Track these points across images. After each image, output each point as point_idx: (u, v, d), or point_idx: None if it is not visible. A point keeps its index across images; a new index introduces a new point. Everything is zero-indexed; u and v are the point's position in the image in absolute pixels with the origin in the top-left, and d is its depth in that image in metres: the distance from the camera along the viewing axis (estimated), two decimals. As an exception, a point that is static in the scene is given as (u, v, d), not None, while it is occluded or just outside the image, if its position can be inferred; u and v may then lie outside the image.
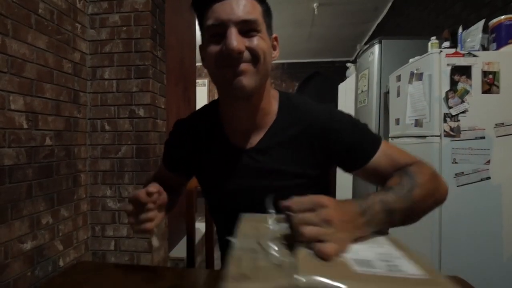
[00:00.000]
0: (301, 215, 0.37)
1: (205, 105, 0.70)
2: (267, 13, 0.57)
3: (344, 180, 2.77)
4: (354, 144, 0.60)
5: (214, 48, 0.53)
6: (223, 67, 0.53)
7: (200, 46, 0.60)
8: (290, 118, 0.62)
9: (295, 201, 0.39)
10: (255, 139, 0.62)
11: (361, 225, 0.42)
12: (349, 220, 0.40)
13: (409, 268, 0.33)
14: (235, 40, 0.50)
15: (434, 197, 0.55)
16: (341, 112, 0.63)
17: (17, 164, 1.22)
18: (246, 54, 0.52)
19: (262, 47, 0.54)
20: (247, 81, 0.53)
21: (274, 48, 0.61)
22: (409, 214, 0.49)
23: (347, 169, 0.64)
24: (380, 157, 0.59)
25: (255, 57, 0.53)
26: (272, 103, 0.63)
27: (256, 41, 0.53)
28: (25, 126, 1.26)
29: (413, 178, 0.52)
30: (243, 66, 0.52)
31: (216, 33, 0.52)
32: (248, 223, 0.47)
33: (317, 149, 0.61)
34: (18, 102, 1.23)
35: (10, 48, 1.19)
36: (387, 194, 0.47)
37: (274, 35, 0.61)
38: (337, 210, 0.39)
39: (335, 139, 0.60)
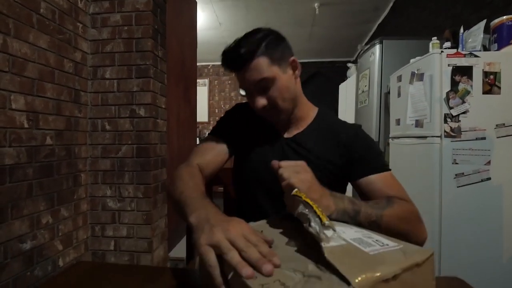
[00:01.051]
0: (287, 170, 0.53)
1: None
2: (275, 55, 0.68)
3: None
4: (364, 157, 0.71)
5: (249, 100, 0.73)
6: (260, 112, 0.72)
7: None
8: (324, 125, 0.78)
9: (284, 163, 0.55)
10: (293, 133, 0.78)
11: (327, 196, 0.54)
12: (319, 188, 0.54)
13: (390, 242, 0.38)
14: (257, 102, 0.69)
15: (407, 228, 0.60)
16: (366, 133, 0.77)
17: (18, 164, 1.22)
18: (268, 105, 0.69)
19: (279, 93, 0.69)
20: (276, 118, 0.73)
21: (294, 68, 0.73)
22: (373, 224, 0.55)
23: (350, 177, 0.73)
24: (380, 179, 0.68)
25: (275, 104, 0.70)
26: (309, 113, 0.80)
27: (272, 92, 0.68)
28: (26, 125, 1.26)
29: (391, 203, 0.60)
30: (270, 113, 0.71)
31: (246, 94, 0.73)
32: None
33: (338, 152, 0.74)
34: (19, 102, 1.23)
35: (12, 48, 1.19)
36: (359, 201, 0.58)
37: (291, 59, 0.72)
38: (314, 179, 0.54)
39: (353, 149, 0.72)
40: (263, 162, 0.74)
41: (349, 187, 0.78)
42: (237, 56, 0.66)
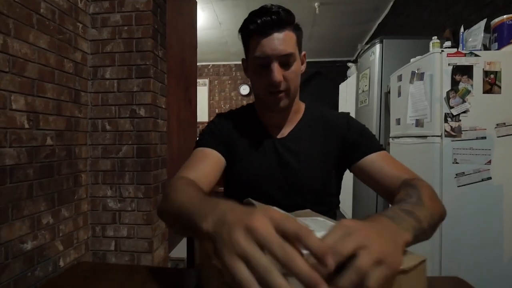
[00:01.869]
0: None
1: (242, 106, 0.84)
2: (300, 38, 0.69)
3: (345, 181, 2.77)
4: (359, 140, 0.72)
5: (261, 76, 0.67)
6: (264, 90, 0.68)
7: (243, 60, 0.75)
8: (314, 118, 0.77)
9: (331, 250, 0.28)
10: (286, 131, 0.76)
11: (400, 233, 0.37)
12: (390, 237, 0.34)
13: None
14: (276, 74, 0.64)
15: (441, 205, 0.53)
16: (356, 119, 0.78)
17: (18, 164, 1.22)
18: (283, 84, 0.66)
19: (295, 75, 0.68)
20: (283, 103, 0.69)
21: (302, 62, 0.73)
22: (429, 221, 0.46)
23: (349, 163, 0.73)
24: (380, 157, 0.69)
25: (289, 87, 0.68)
26: (299, 106, 0.79)
27: (291, 71, 0.66)
28: (26, 126, 1.26)
29: (418, 190, 0.52)
30: (281, 95, 0.68)
31: (262, 64, 0.66)
32: None
33: (333, 142, 0.74)
34: (19, 102, 1.23)
35: (12, 48, 1.19)
36: (402, 203, 0.47)
37: (303, 53, 0.73)
38: (374, 237, 0.31)
39: (348, 136, 0.73)
40: (258, 167, 0.73)
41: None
42: (277, 18, 0.63)
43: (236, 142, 0.76)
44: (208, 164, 0.70)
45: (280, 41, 0.64)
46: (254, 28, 0.65)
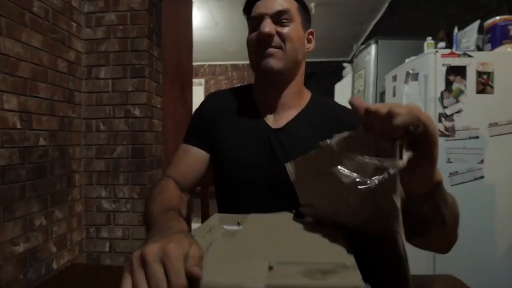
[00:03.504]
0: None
1: (241, 85, 0.78)
2: (303, 9, 0.67)
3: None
4: None
5: (251, 36, 0.64)
6: (256, 52, 0.63)
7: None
8: (319, 110, 0.69)
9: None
10: (283, 121, 0.67)
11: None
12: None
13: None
14: (266, 26, 0.60)
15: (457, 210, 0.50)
16: None
17: (10, 165, 1.20)
18: (276, 39, 0.62)
19: (291, 34, 0.62)
20: (275, 63, 0.62)
21: (309, 41, 0.70)
22: (452, 204, 0.47)
23: None
24: None
25: (283, 42, 0.62)
26: (304, 94, 0.72)
27: (286, 29, 0.62)
28: (19, 126, 1.25)
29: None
30: (272, 50, 0.61)
31: (255, 24, 0.63)
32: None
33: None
34: (12, 102, 1.21)
35: (4, 47, 1.17)
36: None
37: (310, 30, 0.70)
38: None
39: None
40: (247, 157, 0.66)
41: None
42: None
43: (222, 126, 0.70)
44: (188, 164, 0.69)
45: (277, 1, 0.62)
46: None
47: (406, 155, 0.35)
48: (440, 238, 0.48)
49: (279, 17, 0.62)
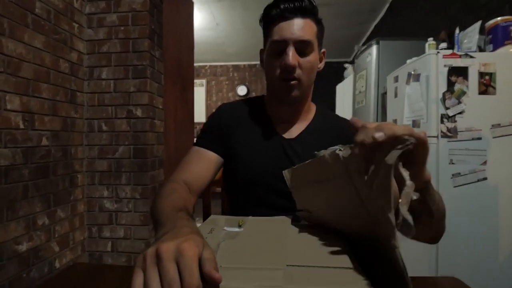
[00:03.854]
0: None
1: (251, 97, 0.82)
2: (321, 32, 0.69)
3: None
4: None
5: (275, 61, 0.66)
6: (279, 80, 0.66)
7: (261, 50, 0.74)
8: (324, 121, 0.76)
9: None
10: (295, 132, 0.74)
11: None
12: None
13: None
14: (291, 58, 0.63)
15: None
16: None
17: (13, 165, 1.21)
18: (298, 71, 0.65)
19: (310, 66, 0.66)
20: (294, 93, 0.67)
21: (320, 60, 0.73)
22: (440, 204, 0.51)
23: None
24: None
25: (303, 77, 0.66)
26: (311, 108, 0.78)
27: (307, 61, 0.65)
28: (22, 126, 1.25)
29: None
30: (293, 82, 0.65)
31: (278, 48, 0.65)
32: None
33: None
34: (15, 102, 1.22)
35: (6, 48, 1.18)
36: None
37: (323, 50, 0.74)
38: None
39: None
40: (264, 163, 0.70)
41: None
42: (300, 5, 0.63)
43: (238, 135, 0.73)
44: (201, 166, 0.70)
45: (300, 26, 0.63)
46: (276, 13, 0.64)
47: (406, 173, 0.35)
48: (428, 229, 0.53)
49: (301, 46, 0.64)
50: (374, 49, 2.27)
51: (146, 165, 1.65)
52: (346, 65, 3.58)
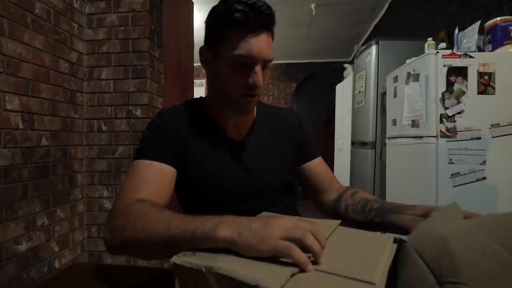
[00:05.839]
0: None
1: (186, 102, 0.75)
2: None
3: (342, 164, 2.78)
4: (308, 143, 0.78)
5: (238, 75, 0.61)
6: (241, 95, 0.62)
7: (204, 49, 0.67)
8: (267, 116, 0.76)
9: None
10: (243, 132, 0.72)
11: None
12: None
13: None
14: (260, 78, 0.60)
15: None
16: (304, 121, 0.81)
17: (13, 165, 1.21)
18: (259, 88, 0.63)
19: (266, 79, 0.65)
20: (252, 106, 0.65)
21: None
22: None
23: (298, 162, 0.76)
24: (321, 162, 0.78)
25: (261, 89, 0.63)
26: None
27: (265, 75, 0.63)
28: (21, 126, 1.25)
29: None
30: (254, 98, 0.63)
31: (242, 62, 0.59)
32: None
33: (290, 142, 0.75)
34: (14, 102, 1.22)
35: (6, 48, 1.18)
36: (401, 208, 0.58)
37: None
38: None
39: (300, 136, 0.77)
40: (221, 173, 0.67)
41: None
42: (269, 18, 0.59)
43: (188, 145, 0.67)
44: (160, 182, 0.60)
45: (267, 44, 0.60)
46: (244, 21, 0.57)
47: None
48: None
49: (265, 63, 0.61)
50: (373, 49, 2.27)
51: (146, 165, 1.65)
52: (346, 65, 3.58)
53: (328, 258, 0.36)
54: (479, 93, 1.36)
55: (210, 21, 0.65)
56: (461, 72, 1.37)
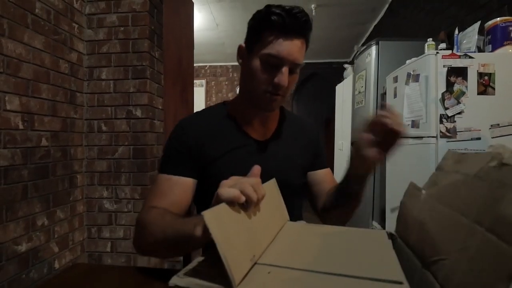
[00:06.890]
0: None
1: (209, 107, 0.78)
2: (305, 51, 0.69)
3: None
4: (322, 152, 0.83)
5: (265, 74, 0.65)
6: (265, 91, 0.66)
7: (242, 47, 0.70)
8: (291, 121, 0.81)
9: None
10: (268, 134, 0.75)
11: None
12: None
13: None
14: (285, 79, 0.63)
15: None
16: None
17: (13, 165, 1.21)
18: (284, 89, 0.66)
19: (294, 83, 0.69)
20: (276, 105, 0.69)
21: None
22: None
23: (310, 169, 0.81)
24: (329, 173, 0.83)
25: (286, 93, 0.68)
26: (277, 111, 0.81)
27: (292, 80, 0.67)
28: (21, 126, 1.25)
29: None
30: (277, 97, 0.67)
31: (271, 62, 0.63)
32: None
33: (308, 146, 0.80)
34: (14, 103, 1.22)
35: (6, 48, 1.18)
36: None
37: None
38: None
39: (317, 145, 0.83)
40: (245, 170, 0.65)
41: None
42: (304, 25, 0.62)
43: (210, 148, 0.69)
44: (177, 194, 0.65)
45: (298, 48, 0.63)
46: (279, 25, 0.61)
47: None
48: (349, 212, 0.72)
49: (293, 67, 0.65)
50: (373, 49, 2.27)
51: (146, 166, 1.65)
52: (346, 65, 3.58)
53: (340, 260, 0.35)
54: (479, 93, 1.36)
55: (251, 22, 0.69)
56: (461, 72, 1.37)
